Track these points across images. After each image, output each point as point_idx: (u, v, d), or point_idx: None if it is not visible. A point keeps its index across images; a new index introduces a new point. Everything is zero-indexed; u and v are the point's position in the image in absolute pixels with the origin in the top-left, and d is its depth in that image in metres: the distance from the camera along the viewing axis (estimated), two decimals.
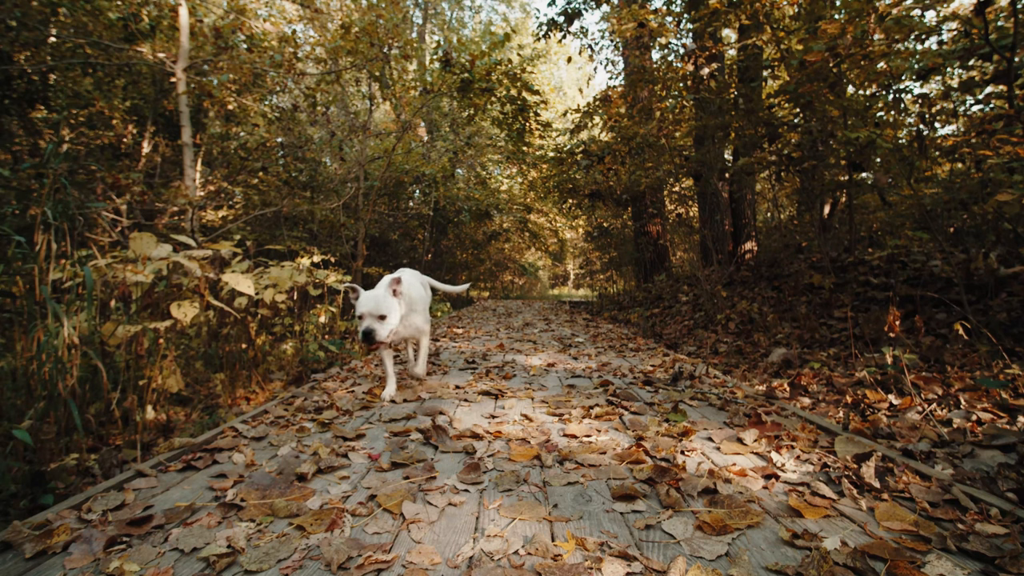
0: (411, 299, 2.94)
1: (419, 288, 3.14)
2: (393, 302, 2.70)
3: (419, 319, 3.02)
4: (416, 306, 2.99)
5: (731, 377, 3.55)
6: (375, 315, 2.61)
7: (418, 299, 3.03)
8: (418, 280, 3.30)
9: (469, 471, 1.76)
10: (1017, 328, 3.25)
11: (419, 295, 3.07)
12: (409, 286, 2.96)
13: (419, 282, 3.28)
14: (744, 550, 1.26)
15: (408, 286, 2.94)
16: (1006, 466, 1.68)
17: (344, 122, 11.26)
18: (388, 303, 2.66)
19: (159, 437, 2.37)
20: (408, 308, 2.90)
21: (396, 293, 2.75)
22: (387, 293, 2.69)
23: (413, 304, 2.96)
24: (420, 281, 3.34)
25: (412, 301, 2.95)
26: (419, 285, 3.20)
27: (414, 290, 3.03)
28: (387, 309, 2.64)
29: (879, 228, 6.56)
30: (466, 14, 21.04)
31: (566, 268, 27.47)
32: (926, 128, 4.64)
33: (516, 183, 17.76)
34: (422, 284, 3.37)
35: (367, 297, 2.65)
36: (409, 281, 3.01)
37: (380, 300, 2.64)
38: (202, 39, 6.38)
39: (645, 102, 8.07)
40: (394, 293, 2.73)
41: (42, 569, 1.22)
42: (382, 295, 2.67)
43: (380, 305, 2.63)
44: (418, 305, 3.03)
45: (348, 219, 8.64)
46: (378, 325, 2.61)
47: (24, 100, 5.90)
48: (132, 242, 2.71)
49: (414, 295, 2.98)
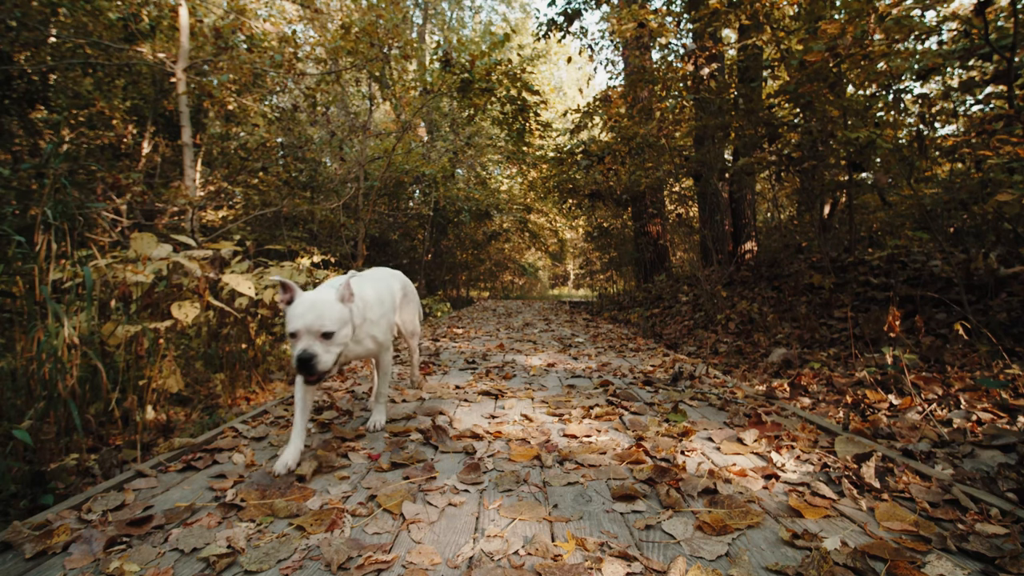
0: (366, 303, 2.11)
1: (382, 291, 2.35)
2: (343, 313, 1.82)
3: (378, 331, 2.20)
4: (371, 313, 2.16)
5: (731, 377, 3.55)
6: (315, 331, 1.72)
7: (375, 303, 2.21)
8: (387, 282, 2.53)
9: (469, 471, 1.76)
10: (1017, 328, 3.25)
11: (378, 298, 2.26)
12: (366, 287, 2.21)
13: (387, 285, 2.49)
14: (744, 550, 1.26)
15: (364, 288, 2.17)
16: (1006, 466, 1.68)
17: (344, 122, 11.26)
18: (335, 313, 1.78)
19: (159, 437, 2.36)
20: (362, 317, 2.06)
21: (347, 300, 1.87)
22: (335, 299, 1.82)
23: (368, 310, 2.13)
24: (390, 284, 2.54)
25: (367, 306, 2.12)
26: (384, 287, 2.42)
27: (373, 291, 2.25)
28: (334, 322, 1.76)
29: (879, 228, 6.56)
30: (466, 14, 21.05)
31: (566, 268, 27.47)
32: (926, 128, 4.64)
33: (516, 183, 17.76)
34: (393, 289, 2.54)
35: (304, 303, 1.77)
36: (371, 282, 2.30)
37: (324, 309, 1.76)
38: (202, 39, 6.38)
39: (645, 102, 8.07)
40: (348, 300, 1.88)
41: (42, 569, 1.22)
42: (328, 301, 1.79)
43: (324, 316, 1.74)
44: (375, 311, 2.20)
45: (348, 219, 8.64)
46: (320, 347, 1.73)
47: (24, 100, 5.91)
48: (132, 242, 2.71)
49: (368, 297, 2.15)
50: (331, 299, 1.82)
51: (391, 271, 2.78)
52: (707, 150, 7.08)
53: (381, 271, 2.69)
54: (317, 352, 1.72)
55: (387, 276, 2.67)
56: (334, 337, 1.77)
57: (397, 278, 2.75)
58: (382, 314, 2.28)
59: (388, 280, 2.61)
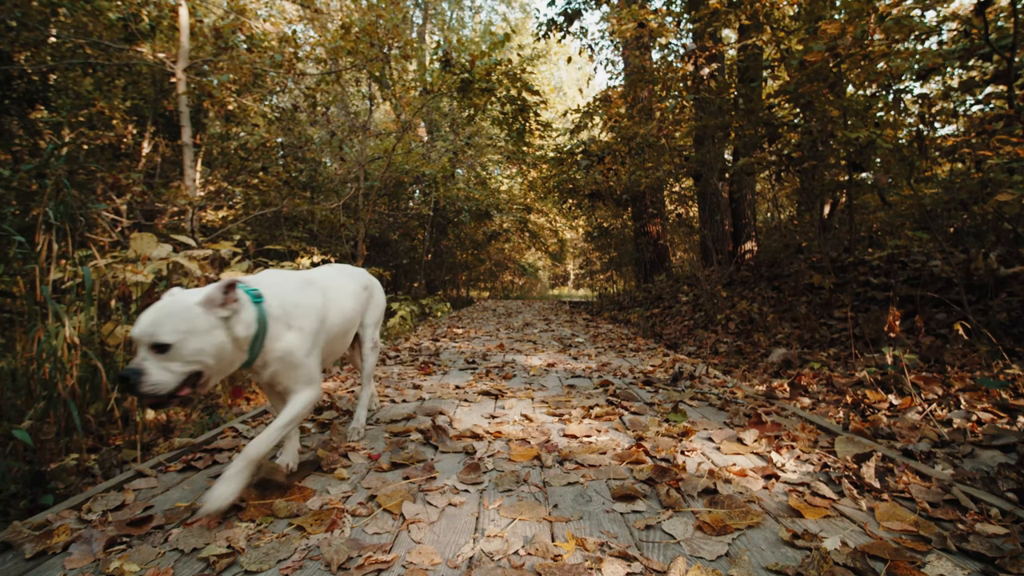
0: (284, 311, 1.65)
1: (311, 296, 1.79)
2: (198, 321, 1.40)
3: (297, 351, 1.65)
4: (296, 321, 1.67)
5: (731, 377, 3.55)
6: (146, 342, 1.35)
7: (297, 313, 1.68)
8: (338, 283, 2.04)
9: (469, 471, 1.76)
10: (1017, 328, 3.25)
11: (311, 305, 1.75)
12: (289, 289, 1.72)
13: (341, 287, 2.04)
14: (744, 550, 1.26)
15: (284, 289, 1.70)
16: (1006, 466, 1.68)
17: (344, 122, 11.26)
18: (177, 322, 1.37)
19: (159, 437, 2.37)
20: (267, 326, 1.58)
21: (224, 305, 1.44)
22: (194, 302, 1.42)
23: (291, 317, 1.66)
24: (339, 287, 2.04)
25: (285, 314, 1.65)
26: (316, 291, 1.83)
27: (306, 294, 1.77)
28: (172, 332, 1.35)
29: (879, 228, 6.56)
30: (466, 14, 21.05)
31: (566, 268, 27.47)
32: (926, 128, 4.64)
33: (516, 183, 17.76)
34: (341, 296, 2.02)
35: (153, 307, 1.41)
36: (294, 283, 1.77)
37: (163, 314, 1.37)
38: (202, 39, 6.38)
39: (645, 102, 8.07)
40: (222, 304, 1.44)
41: (42, 569, 1.22)
42: (176, 304, 1.40)
43: (160, 323, 1.36)
44: (304, 321, 1.70)
45: (348, 219, 8.64)
46: (153, 364, 1.35)
47: (24, 100, 5.91)
48: (132, 242, 2.71)
49: (286, 301, 1.66)
50: (185, 302, 1.40)
51: (353, 268, 2.33)
52: (707, 150, 7.08)
53: (337, 268, 2.23)
54: (145, 369, 1.33)
55: (343, 275, 2.17)
56: (173, 351, 1.34)
57: (357, 278, 2.27)
58: (313, 330, 1.72)
59: (338, 281, 2.08)
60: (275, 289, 1.67)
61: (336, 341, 2.00)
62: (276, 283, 1.70)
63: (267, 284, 1.67)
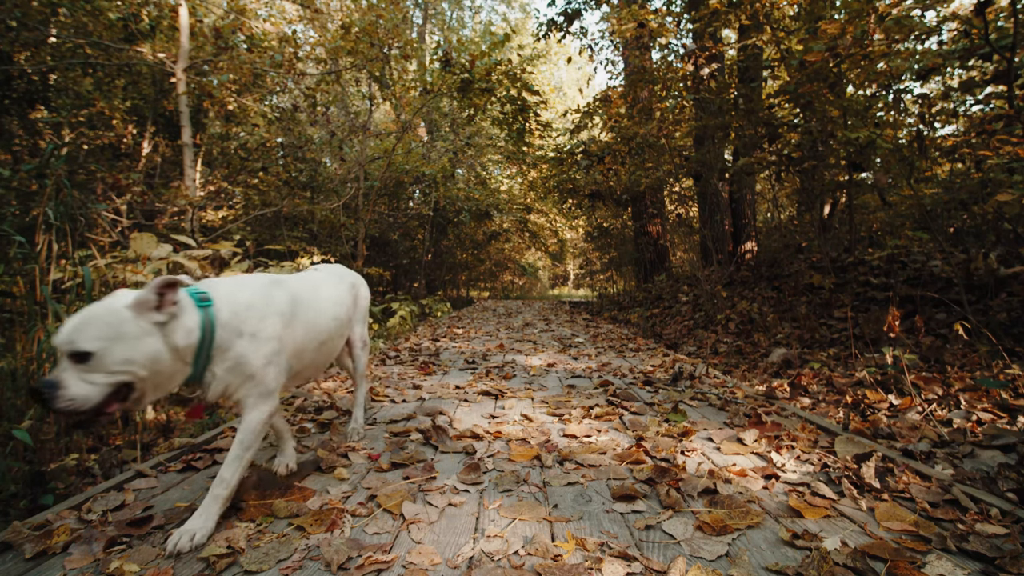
0: (235, 315, 1.46)
1: (271, 297, 1.59)
2: (126, 327, 1.24)
3: (254, 361, 1.47)
4: (251, 327, 1.49)
5: (731, 377, 3.55)
6: (68, 350, 1.20)
7: (251, 316, 1.49)
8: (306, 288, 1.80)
9: (469, 471, 1.76)
10: (1017, 328, 3.25)
11: (249, 306, 1.50)
12: (243, 292, 1.53)
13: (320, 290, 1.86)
14: (744, 550, 1.26)
15: (236, 291, 1.51)
16: (1006, 466, 1.68)
17: (344, 122, 11.26)
18: (101, 328, 1.21)
19: (159, 437, 2.37)
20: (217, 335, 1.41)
21: (160, 308, 1.28)
22: (123, 305, 1.26)
23: (244, 323, 1.47)
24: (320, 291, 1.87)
25: (239, 320, 1.46)
26: (281, 292, 1.64)
27: (266, 298, 1.57)
28: (93, 340, 1.20)
29: (879, 228, 6.56)
30: (466, 14, 21.06)
31: (566, 268, 27.47)
32: (926, 128, 4.64)
33: (516, 183, 17.76)
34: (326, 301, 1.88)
35: (76, 314, 1.26)
36: (253, 285, 1.58)
37: (84, 320, 1.22)
38: (202, 39, 6.38)
39: (645, 102, 8.07)
40: (157, 307, 1.28)
41: (42, 569, 1.22)
42: (103, 309, 1.24)
43: (80, 330, 1.21)
44: (264, 327, 1.51)
45: (348, 219, 8.64)
46: (72, 375, 1.20)
47: (24, 100, 5.91)
48: (132, 242, 2.71)
49: (223, 311, 1.44)
50: (111, 306, 1.24)
51: (338, 267, 2.20)
52: (707, 150, 7.08)
53: (322, 269, 2.10)
54: (62, 382, 1.18)
55: (326, 276, 2.01)
56: (95, 360, 1.18)
57: (343, 277, 2.14)
58: (271, 335, 1.52)
59: (317, 282, 1.90)
60: (226, 291, 1.48)
61: (317, 349, 1.78)
62: (230, 285, 1.51)
63: (218, 286, 1.49)
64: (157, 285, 1.29)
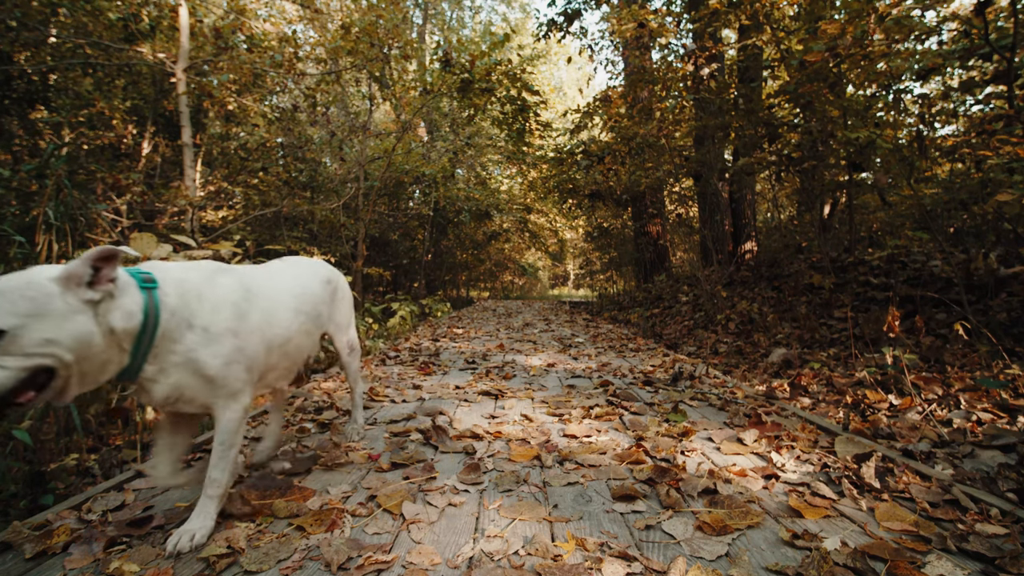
0: (186, 303, 1.31)
1: (224, 287, 1.42)
2: (57, 302, 1.09)
3: (212, 356, 1.33)
4: (204, 319, 1.33)
5: (731, 377, 3.55)
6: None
7: (203, 309, 1.34)
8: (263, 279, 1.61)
9: (469, 471, 1.76)
10: (1017, 328, 3.25)
11: (200, 296, 1.35)
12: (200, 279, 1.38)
13: (234, 278, 1.49)
14: (744, 550, 1.26)
15: (187, 275, 1.36)
16: (1006, 466, 1.68)
17: (344, 122, 11.26)
18: (25, 302, 1.06)
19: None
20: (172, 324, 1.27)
21: (94, 284, 1.13)
22: (48, 278, 1.09)
23: (195, 315, 1.32)
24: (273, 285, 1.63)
25: (190, 311, 1.31)
26: (233, 281, 1.47)
27: (226, 287, 1.43)
28: (11, 316, 1.04)
29: (879, 228, 6.56)
30: (466, 14, 21.06)
31: (566, 268, 27.47)
32: (926, 128, 4.64)
33: (516, 183, 17.76)
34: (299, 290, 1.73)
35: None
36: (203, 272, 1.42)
37: (1, 293, 1.05)
38: (202, 39, 6.38)
39: (645, 102, 8.07)
40: (91, 283, 1.12)
41: (42, 569, 1.22)
42: (19, 282, 1.07)
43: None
44: (216, 320, 1.36)
45: (348, 219, 8.64)
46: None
47: (24, 100, 5.91)
48: (132, 242, 2.71)
49: (171, 296, 1.29)
50: (33, 277, 1.08)
51: (311, 260, 2.00)
52: (707, 150, 7.08)
53: (285, 260, 1.89)
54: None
55: (291, 267, 1.83)
56: (7, 340, 1.02)
57: (317, 272, 1.93)
58: (226, 330, 1.36)
59: (277, 273, 1.72)
60: (174, 275, 1.32)
61: (278, 348, 1.57)
62: (178, 269, 1.36)
63: (164, 268, 1.33)
64: (92, 256, 1.11)
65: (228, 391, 1.38)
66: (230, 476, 1.41)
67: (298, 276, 1.79)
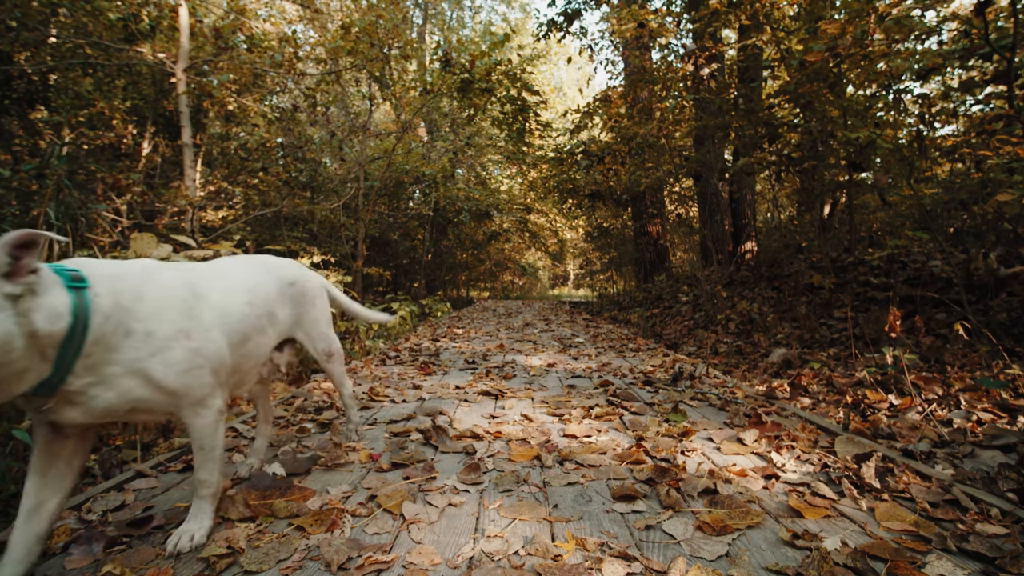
0: (121, 308, 1.13)
1: (166, 286, 1.26)
2: None
3: (161, 364, 1.19)
4: (148, 325, 1.18)
5: (731, 377, 3.55)
6: None
7: (143, 311, 1.18)
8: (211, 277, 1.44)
9: (469, 471, 1.76)
10: (1017, 328, 3.25)
11: (139, 296, 1.18)
12: (136, 277, 1.20)
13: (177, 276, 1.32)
14: (744, 550, 1.26)
15: (122, 277, 1.17)
16: (1006, 466, 1.68)
17: (344, 122, 11.26)
18: None
19: (159, 437, 2.37)
20: (110, 329, 1.11)
21: (12, 276, 0.94)
22: None
23: (135, 319, 1.16)
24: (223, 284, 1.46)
25: (129, 314, 1.15)
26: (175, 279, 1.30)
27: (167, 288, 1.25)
28: None
29: (879, 228, 6.56)
30: (466, 14, 21.05)
31: (566, 268, 27.47)
32: (926, 128, 4.64)
33: (516, 183, 17.77)
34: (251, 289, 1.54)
35: None
36: (138, 267, 1.24)
37: None
38: (202, 39, 6.38)
39: (645, 102, 8.07)
40: (8, 274, 0.94)
41: (42, 569, 1.22)
42: None
43: None
44: (162, 324, 1.20)
45: (348, 219, 8.64)
46: None
47: (24, 100, 5.91)
48: (132, 242, 2.71)
49: (103, 298, 1.11)
50: None
51: (276, 259, 1.81)
52: (707, 150, 7.08)
53: (242, 258, 1.69)
54: None
55: (247, 266, 1.64)
56: None
57: (277, 270, 1.74)
58: (175, 331, 1.21)
59: (227, 270, 1.53)
60: (106, 272, 1.14)
61: (239, 349, 1.42)
62: (110, 267, 1.16)
63: (95, 266, 1.14)
64: (8, 242, 0.92)
65: (192, 399, 1.24)
66: (219, 475, 1.35)
67: (249, 272, 1.62)
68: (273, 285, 1.67)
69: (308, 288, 1.84)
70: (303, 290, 1.81)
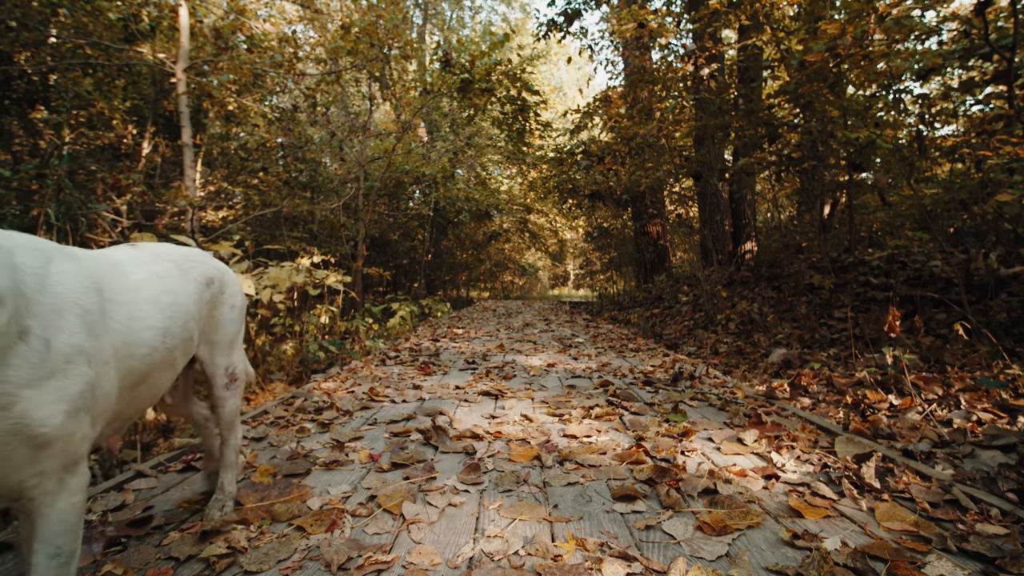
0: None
1: (64, 276, 0.86)
2: None
3: (31, 408, 0.75)
4: (18, 347, 0.74)
5: (731, 377, 3.55)
6: None
7: (37, 310, 0.78)
8: (115, 270, 1.04)
9: (469, 471, 1.76)
10: (1017, 328, 3.25)
11: (40, 288, 0.80)
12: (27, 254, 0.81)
13: (75, 262, 0.91)
14: (744, 550, 1.26)
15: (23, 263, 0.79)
16: (1006, 466, 1.68)
17: (344, 122, 11.26)
18: None
19: (159, 437, 2.37)
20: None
21: None
22: None
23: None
24: (131, 280, 1.07)
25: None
26: (75, 268, 0.89)
27: (65, 284, 0.86)
28: None
29: (879, 228, 6.56)
30: (466, 14, 21.06)
31: (566, 268, 27.47)
32: (926, 128, 4.64)
33: (516, 183, 17.77)
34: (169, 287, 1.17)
35: None
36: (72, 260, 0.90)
37: None
38: (202, 39, 6.38)
39: (645, 102, 8.08)
40: None
41: None
42: None
43: None
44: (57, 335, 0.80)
45: (348, 219, 8.65)
46: None
47: (24, 101, 5.92)
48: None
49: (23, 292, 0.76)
50: None
51: (184, 249, 1.39)
52: (707, 150, 7.08)
53: (142, 246, 1.26)
54: None
55: (152, 257, 1.22)
56: None
57: (196, 267, 1.33)
58: (86, 350, 0.86)
59: (143, 270, 1.13)
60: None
61: (129, 393, 1.04)
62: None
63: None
64: None
65: (65, 462, 0.82)
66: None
67: (162, 276, 1.17)
68: (192, 295, 1.25)
69: (227, 288, 1.42)
70: (220, 291, 1.39)
